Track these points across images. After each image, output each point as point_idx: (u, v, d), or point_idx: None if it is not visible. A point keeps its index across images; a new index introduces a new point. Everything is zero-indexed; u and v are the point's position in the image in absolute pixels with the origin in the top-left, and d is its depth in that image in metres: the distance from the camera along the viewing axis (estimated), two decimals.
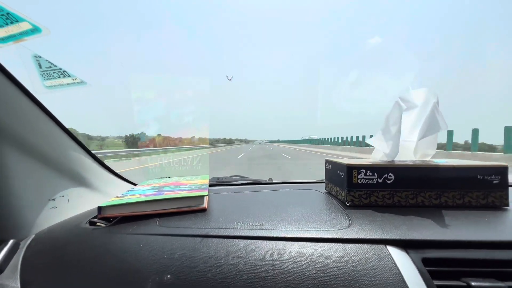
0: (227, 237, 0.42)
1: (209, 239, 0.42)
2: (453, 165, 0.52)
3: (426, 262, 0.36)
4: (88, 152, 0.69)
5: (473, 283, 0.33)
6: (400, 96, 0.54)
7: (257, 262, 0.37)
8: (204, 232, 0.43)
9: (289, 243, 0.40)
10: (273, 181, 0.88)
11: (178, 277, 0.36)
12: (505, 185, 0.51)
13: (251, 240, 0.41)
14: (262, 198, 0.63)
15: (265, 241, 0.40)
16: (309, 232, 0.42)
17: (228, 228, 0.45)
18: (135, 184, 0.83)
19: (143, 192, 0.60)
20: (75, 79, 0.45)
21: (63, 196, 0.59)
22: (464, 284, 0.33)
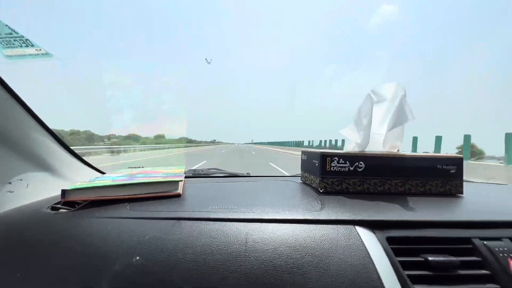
0: (201, 219, 0.41)
1: (182, 222, 0.41)
2: (416, 155, 0.57)
3: (390, 240, 0.38)
4: (54, 136, 0.64)
5: (430, 258, 0.36)
6: (372, 89, 0.57)
7: (230, 243, 0.37)
8: (177, 215, 0.43)
9: (263, 224, 0.41)
10: (251, 175, 0.89)
11: (147, 259, 0.35)
12: (460, 174, 0.57)
13: (225, 222, 0.41)
14: (238, 188, 0.63)
15: (239, 223, 0.41)
16: (283, 214, 0.43)
17: (202, 211, 0.44)
18: (104, 173, 0.78)
19: (113, 178, 0.57)
20: (40, 49, 0.41)
21: (21, 180, 0.54)
22: (422, 259, 0.36)
